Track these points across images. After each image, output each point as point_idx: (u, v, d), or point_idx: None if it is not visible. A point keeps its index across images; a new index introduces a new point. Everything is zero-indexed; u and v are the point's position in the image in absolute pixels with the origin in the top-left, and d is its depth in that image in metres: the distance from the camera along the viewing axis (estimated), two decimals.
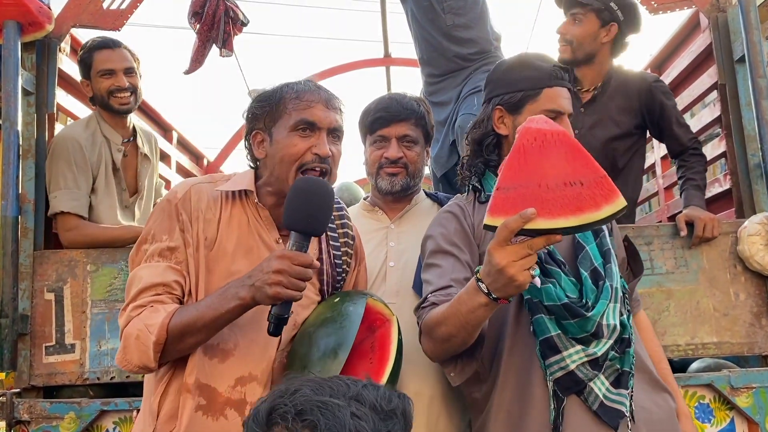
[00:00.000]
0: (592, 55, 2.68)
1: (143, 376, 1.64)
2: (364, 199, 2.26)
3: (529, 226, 1.26)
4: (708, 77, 2.86)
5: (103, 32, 2.82)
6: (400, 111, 2.05)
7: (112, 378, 2.39)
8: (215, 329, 1.42)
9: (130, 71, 2.77)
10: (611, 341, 1.59)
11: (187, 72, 3.57)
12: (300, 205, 1.40)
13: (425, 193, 2.24)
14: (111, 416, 2.31)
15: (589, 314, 1.57)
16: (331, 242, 1.70)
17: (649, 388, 1.68)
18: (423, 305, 1.63)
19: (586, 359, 1.58)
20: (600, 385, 1.58)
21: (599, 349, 1.58)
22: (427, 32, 3.36)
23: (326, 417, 0.90)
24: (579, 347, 1.58)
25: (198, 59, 3.51)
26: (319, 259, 1.65)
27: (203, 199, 1.57)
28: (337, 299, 1.62)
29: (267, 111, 1.59)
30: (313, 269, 1.40)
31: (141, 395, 1.63)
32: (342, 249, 1.72)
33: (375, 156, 2.09)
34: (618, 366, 1.61)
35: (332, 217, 1.70)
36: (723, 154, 2.82)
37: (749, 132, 2.59)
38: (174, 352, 1.43)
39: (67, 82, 2.90)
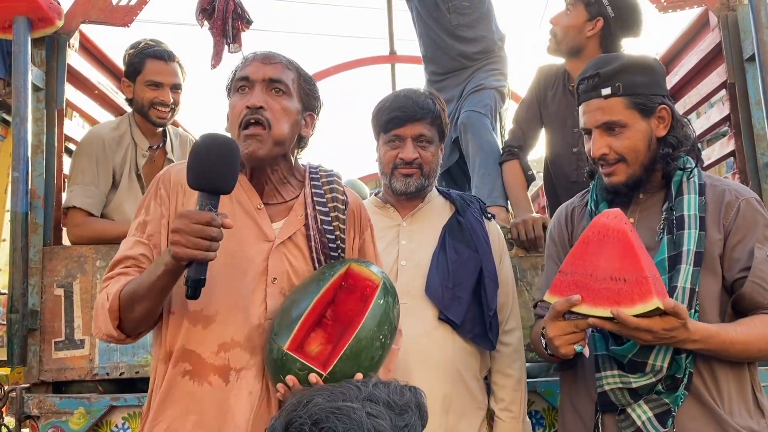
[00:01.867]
0: (577, 49, 2.68)
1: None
2: (375, 194, 2.23)
3: (575, 309, 1.51)
4: (717, 76, 2.85)
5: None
6: (416, 111, 2.00)
7: (121, 374, 2.39)
8: (157, 295, 1.42)
9: (176, 87, 2.80)
10: (655, 379, 1.59)
11: (213, 67, 3.59)
12: (196, 162, 1.36)
13: (438, 190, 2.20)
14: (120, 411, 2.32)
15: (620, 348, 1.61)
16: (318, 207, 1.64)
17: (711, 431, 1.59)
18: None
19: (622, 386, 1.61)
20: (641, 413, 1.60)
21: (637, 381, 1.60)
22: (432, 30, 3.38)
23: (343, 422, 0.92)
24: (617, 372, 1.63)
25: (219, 53, 3.54)
26: (306, 225, 1.62)
27: (183, 173, 1.54)
28: (322, 267, 1.59)
29: (227, 86, 1.64)
30: (216, 226, 1.33)
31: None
32: (332, 214, 1.64)
33: (390, 156, 2.04)
34: (666, 401, 1.59)
35: (319, 183, 1.67)
36: (731, 153, 2.82)
37: (758, 131, 2.58)
38: (130, 320, 1.46)
39: (76, 79, 2.90)
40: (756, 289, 1.58)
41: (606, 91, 1.69)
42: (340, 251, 1.65)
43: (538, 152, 3.07)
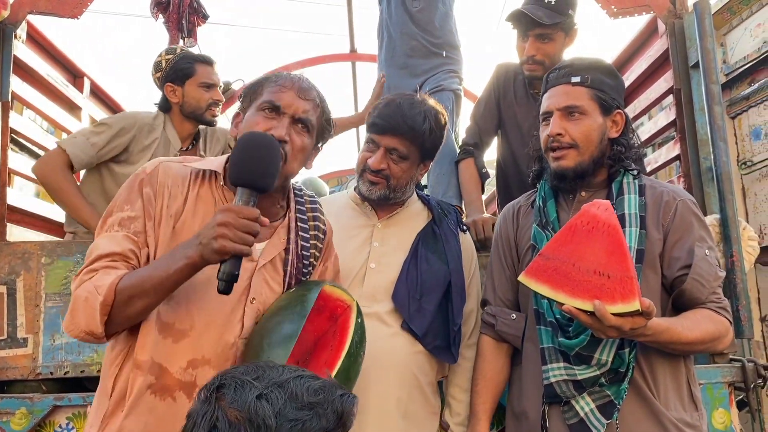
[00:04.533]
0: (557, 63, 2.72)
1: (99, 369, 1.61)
2: (354, 189, 2.15)
3: (553, 296, 1.50)
4: (665, 81, 2.92)
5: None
6: (399, 125, 1.91)
7: (65, 373, 2.34)
8: (164, 291, 1.38)
9: (222, 88, 2.99)
10: (599, 372, 1.64)
11: None
12: (243, 158, 1.38)
13: (417, 194, 2.16)
14: (64, 411, 2.27)
15: (570, 341, 1.65)
16: (300, 233, 1.66)
17: (651, 424, 1.65)
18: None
19: (567, 378, 1.67)
20: (584, 405, 1.66)
21: (582, 373, 1.65)
22: (398, 17, 3.42)
23: (236, 393, 1.02)
24: (562, 364, 1.68)
25: None
26: (286, 249, 1.62)
27: (170, 175, 1.55)
28: (295, 288, 1.61)
29: (248, 94, 1.62)
30: (261, 224, 1.35)
31: (95, 390, 1.59)
32: (311, 241, 1.68)
33: (362, 157, 2.00)
34: (608, 393, 1.65)
35: (303, 209, 1.69)
36: (677, 157, 2.90)
37: (702, 136, 2.66)
38: (122, 317, 1.38)
39: (23, 70, 2.82)
40: (696, 286, 1.65)
41: (575, 79, 1.79)
42: (308, 276, 1.68)
43: (491, 154, 3.11)
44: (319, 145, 1.69)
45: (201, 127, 3.04)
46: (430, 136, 1.96)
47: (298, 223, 1.67)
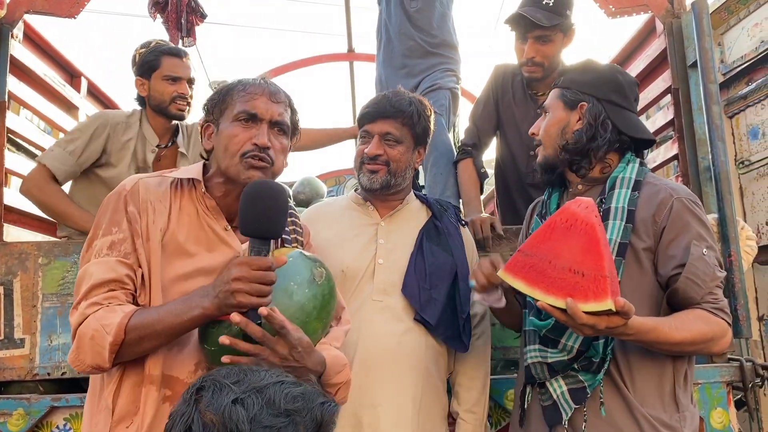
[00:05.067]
0: (557, 64, 2.73)
1: None
2: (355, 190, 2.23)
3: (529, 292, 1.52)
4: (662, 81, 2.92)
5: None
6: (387, 109, 2.03)
7: (63, 373, 2.34)
8: (174, 336, 1.40)
9: (191, 82, 2.88)
10: (566, 357, 1.67)
11: None
12: (251, 209, 1.39)
13: (414, 194, 2.22)
14: (62, 412, 2.26)
15: (540, 322, 1.67)
16: (285, 244, 1.70)
17: (623, 417, 1.65)
18: None
19: (541, 360, 1.72)
20: (557, 387, 1.70)
21: (552, 357, 1.69)
22: (396, 17, 3.41)
23: (213, 396, 1.02)
24: (537, 346, 1.73)
25: None
26: None
27: (152, 191, 1.56)
28: None
29: (217, 103, 1.64)
30: (273, 270, 1.36)
31: None
32: (292, 236, 1.73)
33: (359, 151, 2.09)
34: (582, 379, 1.66)
35: None
36: (675, 157, 2.90)
37: (700, 136, 2.66)
38: (130, 354, 1.40)
39: (20, 70, 2.81)
40: (689, 285, 1.62)
41: (557, 83, 1.95)
42: None
43: (489, 153, 3.11)
44: (292, 142, 1.72)
45: (181, 123, 2.99)
46: (419, 119, 2.06)
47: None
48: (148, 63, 2.81)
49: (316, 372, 1.45)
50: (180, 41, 3.68)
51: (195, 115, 2.95)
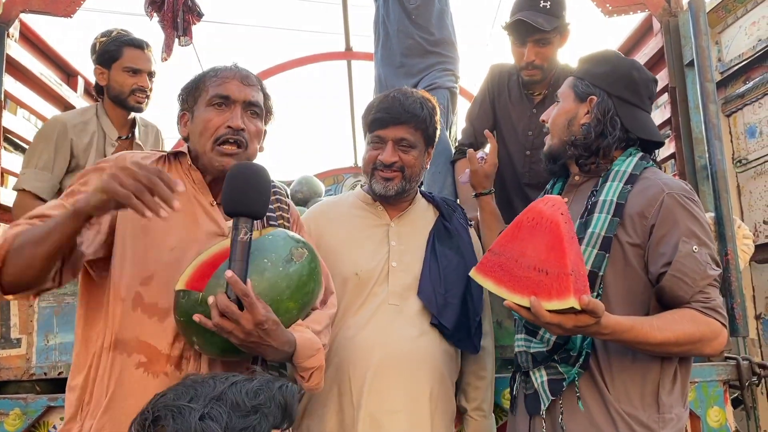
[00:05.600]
0: (554, 65, 2.72)
1: None
2: (361, 186, 2.18)
3: (496, 291, 1.51)
4: (660, 80, 2.92)
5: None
6: (401, 114, 1.96)
7: (60, 373, 2.33)
8: (50, 243, 1.33)
9: (152, 75, 2.84)
10: (545, 348, 1.69)
11: (164, 60, 3.54)
12: (232, 189, 1.41)
13: (420, 192, 2.18)
14: (58, 412, 2.25)
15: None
16: (270, 222, 1.73)
17: (598, 412, 1.64)
18: None
19: (525, 349, 1.76)
20: (539, 377, 1.72)
21: (534, 347, 1.72)
22: (395, 14, 3.41)
23: (176, 421, 0.98)
24: (523, 336, 1.77)
25: (170, 46, 3.49)
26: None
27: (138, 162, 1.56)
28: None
29: (190, 91, 1.66)
30: (171, 190, 1.29)
31: None
32: (277, 212, 1.76)
33: (370, 156, 2.02)
34: (562, 371, 1.67)
35: None
36: (672, 155, 2.90)
37: (697, 134, 2.66)
38: (16, 267, 1.36)
39: (16, 69, 2.81)
40: (676, 283, 1.57)
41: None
42: None
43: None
44: (267, 127, 1.74)
45: (138, 116, 2.94)
46: (431, 121, 2.02)
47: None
48: (109, 53, 2.75)
49: (284, 352, 1.46)
50: (176, 40, 3.68)
51: (153, 108, 2.90)
